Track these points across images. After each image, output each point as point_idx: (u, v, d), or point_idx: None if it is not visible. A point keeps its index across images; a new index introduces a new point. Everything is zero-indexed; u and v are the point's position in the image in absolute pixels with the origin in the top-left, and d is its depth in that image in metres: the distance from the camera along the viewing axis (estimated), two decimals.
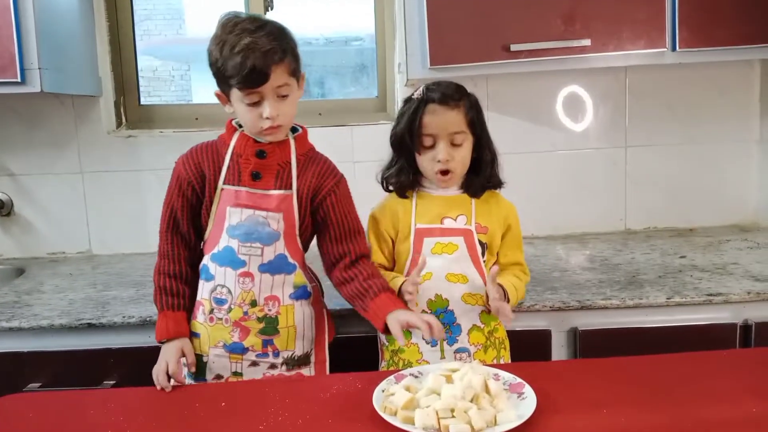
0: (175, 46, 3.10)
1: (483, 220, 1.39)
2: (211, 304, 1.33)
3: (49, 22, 1.78)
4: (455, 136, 1.34)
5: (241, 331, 1.32)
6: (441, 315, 1.35)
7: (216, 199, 1.32)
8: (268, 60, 1.22)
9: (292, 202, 1.32)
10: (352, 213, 1.40)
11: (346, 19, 2.72)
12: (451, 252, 1.36)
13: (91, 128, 2.14)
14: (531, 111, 2.18)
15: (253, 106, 1.26)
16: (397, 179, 1.40)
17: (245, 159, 1.32)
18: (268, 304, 1.32)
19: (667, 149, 2.22)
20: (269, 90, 1.25)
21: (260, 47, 1.21)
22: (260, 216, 1.31)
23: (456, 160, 1.35)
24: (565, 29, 1.78)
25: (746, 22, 1.79)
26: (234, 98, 1.28)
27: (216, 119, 2.23)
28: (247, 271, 1.31)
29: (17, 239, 2.19)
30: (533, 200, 2.12)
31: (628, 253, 1.96)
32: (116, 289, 1.77)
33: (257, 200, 1.31)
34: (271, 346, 1.33)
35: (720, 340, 1.54)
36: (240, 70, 1.21)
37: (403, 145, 1.38)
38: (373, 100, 2.31)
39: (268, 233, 1.31)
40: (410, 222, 1.38)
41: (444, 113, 1.34)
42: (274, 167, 1.32)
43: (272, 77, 1.23)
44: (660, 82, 2.18)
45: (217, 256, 1.33)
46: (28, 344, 1.53)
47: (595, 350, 1.51)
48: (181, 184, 1.35)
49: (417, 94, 1.37)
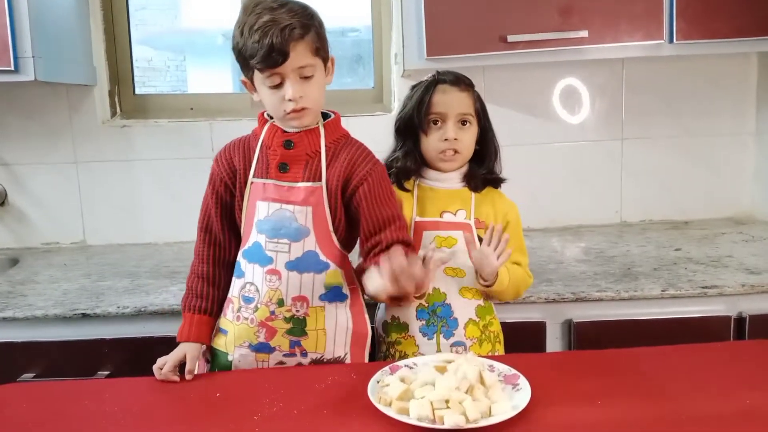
0: (170, 36, 3.07)
1: (482, 216, 1.38)
2: (240, 302, 1.28)
3: (43, 10, 1.76)
4: (464, 117, 1.35)
5: (267, 332, 1.26)
6: (438, 308, 1.35)
7: (246, 193, 1.28)
8: (286, 36, 1.15)
9: (322, 195, 1.25)
10: (389, 202, 1.28)
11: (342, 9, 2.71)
12: (450, 246, 1.36)
13: (85, 118, 2.13)
14: (528, 103, 2.18)
15: (276, 89, 1.20)
16: (403, 163, 1.38)
17: (273, 150, 1.26)
18: (296, 305, 1.26)
19: (664, 142, 2.22)
20: (290, 70, 1.19)
21: (279, 23, 1.16)
22: (287, 210, 1.25)
23: (463, 142, 1.35)
24: (562, 21, 1.77)
25: (743, 15, 1.78)
26: (257, 83, 1.23)
27: (211, 109, 2.23)
28: (274, 269, 1.25)
29: (11, 229, 2.18)
30: (529, 192, 2.11)
31: (623, 246, 1.96)
32: (110, 280, 1.76)
33: (284, 193, 1.25)
34: (298, 347, 1.27)
35: (714, 332, 1.54)
36: (258, 49, 1.16)
37: (410, 128, 1.38)
38: (369, 91, 2.30)
39: (296, 229, 1.24)
40: (410, 215, 1.38)
41: (455, 93, 1.36)
42: (303, 158, 1.26)
43: (292, 56, 1.17)
44: (657, 75, 2.18)
45: (247, 252, 1.28)
46: (22, 334, 1.53)
47: (590, 342, 1.51)
48: (215, 182, 1.31)
49: (427, 77, 1.39)
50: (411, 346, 1.37)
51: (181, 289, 1.63)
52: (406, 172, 1.39)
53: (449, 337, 1.35)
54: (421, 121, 1.36)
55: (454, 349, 1.34)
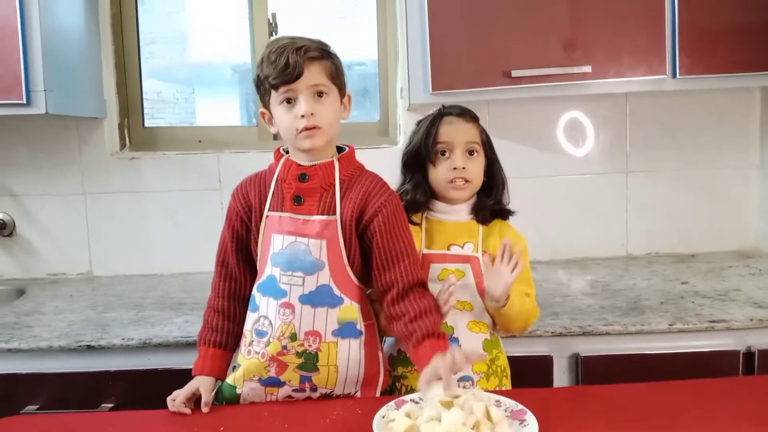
0: (179, 69, 3.12)
1: (489, 248, 1.37)
2: (252, 336, 1.27)
3: (55, 45, 1.80)
4: (471, 146, 1.37)
5: (278, 366, 1.24)
6: None
7: (262, 227, 1.28)
8: (303, 54, 1.20)
9: (337, 229, 1.24)
10: (403, 235, 1.27)
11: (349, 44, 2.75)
12: (458, 279, 1.35)
13: (94, 150, 2.15)
14: (532, 136, 2.20)
15: (289, 106, 1.23)
16: (413, 195, 1.39)
17: (288, 183, 1.26)
18: (309, 339, 1.24)
19: (668, 175, 2.22)
20: (304, 86, 1.21)
21: (296, 44, 1.21)
22: (302, 243, 1.24)
23: (471, 171, 1.36)
24: (566, 56, 1.80)
25: (746, 50, 1.80)
26: (274, 106, 1.25)
27: (219, 142, 2.25)
28: (288, 302, 1.24)
29: (18, 260, 2.19)
30: (534, 224, 2.10)
31: (629, 279, 1.95)
32: (116, 311, 1.76)
33: (299, 226, 1.25)
34: (308, 382, 1.25)
35: (723, 367, 1.53)
36: (276, 66, 1.20)
37: (418, 160, 1.39)
38: (375, 124, 2.33)
39: (311, 262, 1.23)
40: (419, 248, 1.37)
41: (461, 124, 1.38)
42: (317, 190, 1.26)
43: (306, 73, 1.20)
44: (661, 108, 2.19)
45: (262, 286, 1.27)
46: (27, 366, 1.52)
47: (597, 377, 1.50)
48: (231, 217, 1.32)
49: (433, 111, 1.41)
50: (417, 380, 1.35)
51: (186, 320, 1.64)
52: (415, 204, 1.40)
53: (456, 372, 1.34)
54: (429, 152, 1.37)
55: (461, 384, 1.33)
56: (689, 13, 1.78)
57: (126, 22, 2.22)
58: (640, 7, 1.80)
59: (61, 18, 1.86)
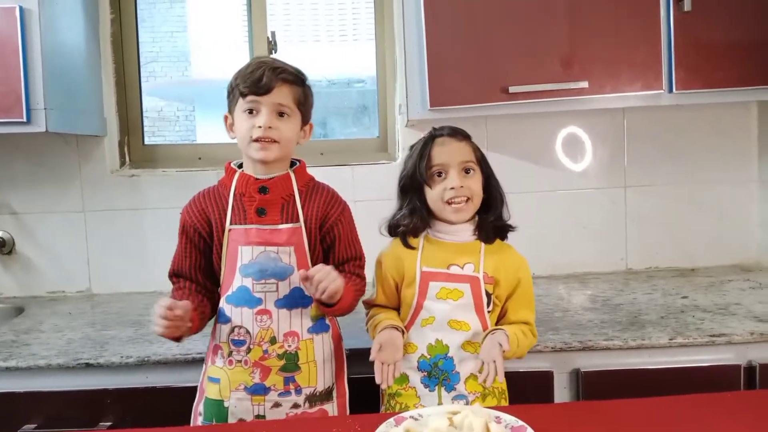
0: (180, 87, 3.15)
1: (491, 270, 1.36)
2: (230, 347, 1.32)
3: (56, 63, 1.81)
4: (466, 165, 1.36)
5: (261, 372, 1.31)
6: (440, 361, 1.34)
7: (225, 241, 1.33)
8: (276, 74, 1.29)
9: (302, 235, 1.33)
10: (357, 240, 1.42)
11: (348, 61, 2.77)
12: (456, 298, 1.34)
13: (94, 167, 2.16)
14: (530, 151, 2.20)
15: (250, 115, 1.30)
16: (410, 220, 1.38)
17: (248, 197, 1.33)
18: (288, 340, 1.32)
19: (667, 189, 2.23)
20: (269, 103, 1.29)
21: (272, 64, 1.30)
22: (271, 251, 1.31)
23: (470, 188, 1.35)
24: (563, 71, 1.81)
25: (742, 64, 1.81)
26: (237, 112, 1.32)
27: (219, 159, 2.25)
28: (264, 309, 1.31)
29: (17, 278, 2.19)
30: (534, 239, 2.10)
31: (629, 293, 1.95)
32: (115, 329, 1.76)
33: (267, 236, 1.32)
34: (293, 383, 1.32)
35: (724, 381, 1.52)
36: (249, 77, 1.28)
37: (414, 184, 1.38)
38: (374, 140, 2.34)
39: (282, 268, 1.31)
40: (415, 266, 1.37)
41: (453, 144, 1.38)
42: (278, 201, 1.34)
43: (275, 91, 1.29)
44: (658, 123, 2.20)
45: (233, 297, 1.33)
46: (25, 384, 1.52)
47: (598, 392, 1.49)
48: (188, 231, 1.37)
49: (424, 135, 1.41)
50: (412, 398, 1.35)
51: None
52: (414, 230, 1.39)
53: (450, 391, 1.33)
54: (424, 175, 1.36)
55: (456, 402, 1.32)
56: (685, 28, 1.80)
57: (126, 40, 2.24)
58: (636, 23, 1.81)
59: (62, 36, 1.88)
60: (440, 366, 1.33)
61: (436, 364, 1.34)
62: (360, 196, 2.09)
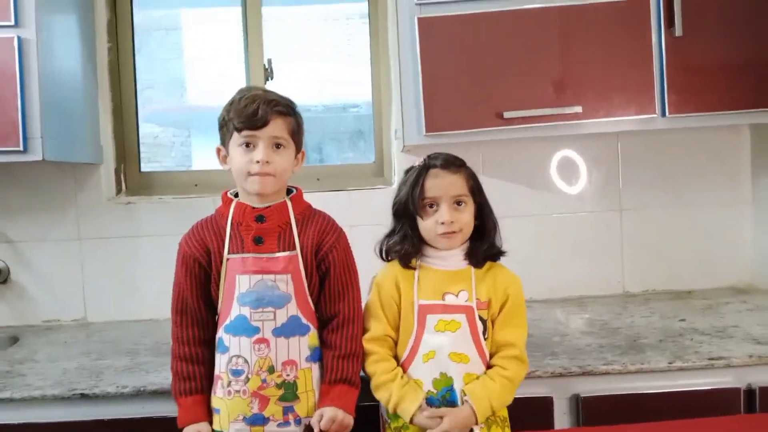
0: (175, 113, 3.15)
1: (483, 295, 1.37)
2: (228, 377, 1.32)
3: (53, 92, 1.82)
4: (458, 198, 1.36)
5: (260, 402, 1.30)
6: (447, 393, 1.33)
7: (223, 270, 1.33)
8: (270, 107, 1.30)
9: (299, 262, 1.33)
10: (352, 268, 1.41)
11: (344, 86, 2.79)
12: (454, 330, 1.34)
13: (90, 195, 2.16)
14: (525, 175, 2.22)
15: (247, 150, 1.31)
16: (401, 246, 1.39)
17: (246, 226, 1.33)
18: (286, 369, 1.31)
19: (661, 212, 2.24)
20: (265, 136, 1.30)
21: (265, 97, 1.31)
22: (269, 280, 1.32)
23: (460, 222, 1.35)
24: (557, 97, 1.83)
25: (733, 88, 1.84)
26: (232, 146, 1.33)
27: (215, 186, 2.25)
28: (262, 338, 1.31)
29: (12, 306, 2.17)
30: (530, 263, 2.11)
31: (627, 317, 1.95)
32: (110, 358, 1.74)
33: (264, 264, 1.32)
34: (291, 413, 1.31)
35: (724, 405, 1.51)
36: (244, 111, 1.29)
37: (406, 212, 1.38)
38: (370, 165, 2.35)
39: (279, 296, 1.32)
40: (412, 298, 1.37)
41: (446, 176, 1.37)
42: (275, 230, 1.34)
43: (271, 124, 1.30)
44: (652, 146, 2.22)
45: (231, 327, 1.32)
46: (19, 416, 1.50)
47: (598, 417, 1.48)
48: (188, 263, 1.37)
49: (418, 163, 1.40)
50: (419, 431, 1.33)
51: None
52: (406, 255, 1.39)
53: None
54: (416, 206, 1.36)
55: None
56: (676, 52, 1.82)
57: (123, 68, 2.25)
58: (628, 48, 1.83)
59: (59, 65, 1.89)
60: (448, 398, 1.32)
61: (444, 397, 1.32)
62: (356, 221, 2.09)
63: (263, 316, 1.31)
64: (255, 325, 1.31)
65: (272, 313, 1.31)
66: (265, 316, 1.31)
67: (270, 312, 1.31)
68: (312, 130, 2.83)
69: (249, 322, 1.31)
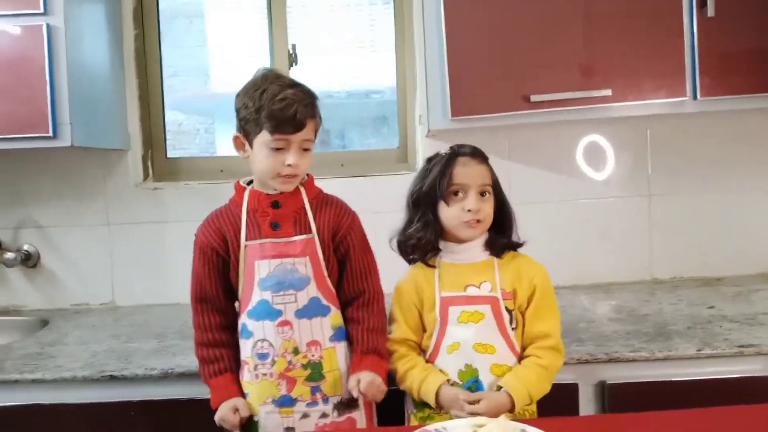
0: (200, 101, 3.18)
1: (508, 285, 1.36)
2: (255, 360, 1.34)
3: (81, 80, 1.84)
4: (483, 189, 1.37)
5: (287, 383, 1.33)
6: (473, 385, 1.32)
7: (242, 257, 1.35)
8: (307, 112, 1.31)
9: (315, 245, 1.35)
10: (369, 250, 1.44)
11: (367, 72, 2.78)
12: (477, 321, 1.34)
13: (118, 181, 2.19)
14: (552, 160, 2.19)
15: (278, 153, 1.31)
16: (423, 234, 1.38)
17: (262, 212, 1.36)
18: (311, 350, 1.34)
19: (691, 198, 2.20)
20: (297, 140, 1.31)
21: (302, 100, 1.30)
22: (288, 263, 1.34)
23: (484, 211, 1.36)
24: (585, 80, 1.80)
25: (766, 70, 1.79)
26: (258, 142, 1.32)
27: (240, 171, 2.26)
28: (285, 320, 1.33)
29: (42, 291, 2.21)
30: (557, 249, 2.10)
31: (655, 304, 1.92)
32: (138, 341, 1.77)
33: (282, 248, 1.34)
34: (319, 392, 1.34)
35: (754, 393, 1.48)
36: (281, 115, 1.28)
37: (429, 199, 1.38)
38: (394, 151, 2.34)
39: (299, 278, 1.34)
40: (434, 292, 1.37)
41: (474, 165, 1.38)
42: (291, 215, 1.36)
43: (305, 128, 1.31)
44: (682, 130, 2.17)
45: (253, 312, 1.35)
46: (50, 396, 1.53)
47: (624, 404, 1.46)
48: (205, 251, 1.39)
49: (443, 152, 1.41)
50: (445, 419, 1.33)
51: None
52: (425, 244, 1.39)
53: None
54: (443, 193, 1.36)
55: None
56: (708, 34, 1.78)
57: (150, 56, 2.27)
58: (658, 30, 1.79)
59: (87, 53, 1.91)
60: (473, 390, 1.32)
61: (470, 388, 1.32)
62: (379, 207, 2.07)
63: (285, 299, 1.33)
64: (277, 308, 1.33)
65: (293, 296, 1.33)
66: (287, 299, 1.33)
67: (291, 295, 1.33)
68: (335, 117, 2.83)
69: (271, 305, 1.33)
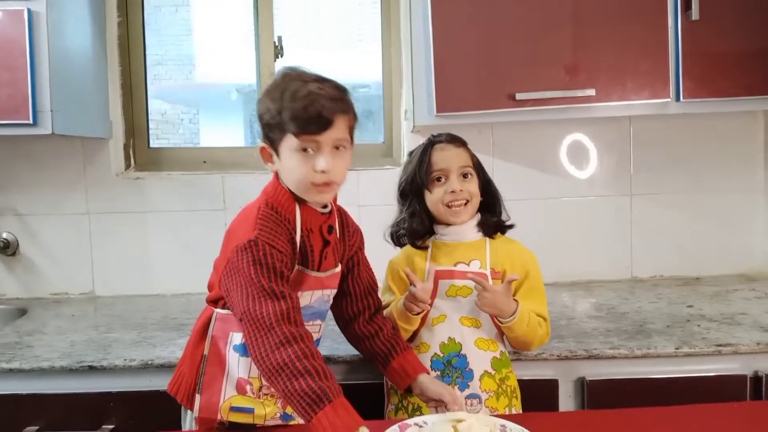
0: (184, 91, 3.15)
1: (498, 266, 1.39)
2: (260, 382, 1.22)
3: (63, 66, 1.81)
4: (464, 170, 1.40)
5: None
6: (453, 359, 1.35)
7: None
8: (334, 107, 1.13)
9: (339, 276, 1.30)
10: (370, 266, 1.40)
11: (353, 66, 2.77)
12: (465, 295, 1.37)
13: (99, 170, 2.16)
14: (536, 158, 2.20)
15: (307, 156, 1.14)
16: (410, 224, 1.42)
17: (315, 236, 1.22)
18: None
19: (673, 198, 2.22)
20: (328, 140, 1.14)
21: (326, 94, 1.13)
22: (326, 295, 1.28)
23: (469, 191, 1.39)
24: (569, 79, 1.81)
25: (749, 74, 1.81)
26: (285, 148, 1.16)
27: (223, 163, 2.26)
28: None
29: (21, 279, 2.19)
30: (539, 246, 2.08)
31: (635, 302, 1.94)
32: (118, 332, 1.75)
33: (325, 281, 1.26)
34: None
35: (730, 391, 1.51)
36: (303, 114, 1.11)
37: (414, 188, 1.41)
38: (379, 146, 2.33)
39: (326, 310, 1.31)
40: (425, 266, 1.40)
41: (452, 149, 1.41)
42: (335, 241, 1.27)
43: (334, 126, 1.13)
44: (664, 132, 2.20)
45: None
46: (28, 386, 1.51)
47: (603, 401, 1.48)
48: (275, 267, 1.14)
49: (422, 142, 1.44)
50: (415, 401, 1.34)
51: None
52: (415, 232, 1.42)
53: (464, 389, 1.33)
54: (425, 180, 1.39)
55: (469, 402, 1.32)
56: (692, 36, 1.79)
57: (133, 44, 2.24)
58: (643, 31, 1.81)
59: (69, 39, 1.88)
60: (453, 364, 1.34)
61: (449, 362, 1.34)
62: (365, 201, 2.09)
63: (312, 328, 1.24)
64: None
65: (319, 326, 1.29)
66: (314, 329, 1.26)
67: (318, 325, 1.29)
68: None
69: None
